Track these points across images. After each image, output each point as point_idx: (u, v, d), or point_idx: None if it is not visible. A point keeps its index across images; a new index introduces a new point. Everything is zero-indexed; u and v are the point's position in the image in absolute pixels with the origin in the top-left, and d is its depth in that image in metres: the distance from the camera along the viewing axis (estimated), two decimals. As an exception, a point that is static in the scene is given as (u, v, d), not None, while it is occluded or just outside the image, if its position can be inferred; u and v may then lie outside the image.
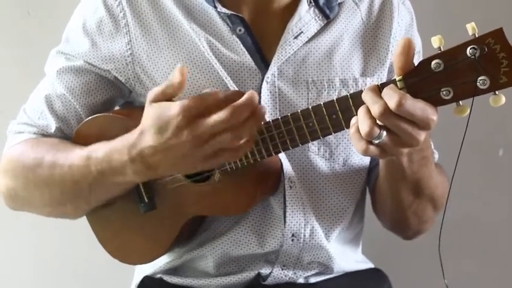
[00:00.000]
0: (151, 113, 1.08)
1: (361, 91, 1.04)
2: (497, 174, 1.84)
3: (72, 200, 1.25)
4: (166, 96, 1.08)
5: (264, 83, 1.25)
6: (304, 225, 1.27)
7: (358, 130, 1.03)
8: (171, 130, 1.06)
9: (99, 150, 1.18)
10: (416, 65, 1.01)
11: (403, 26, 1.33)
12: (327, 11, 1.28)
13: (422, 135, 1.02)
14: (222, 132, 1.04)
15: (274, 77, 1.25)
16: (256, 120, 1.05)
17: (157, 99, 1.08)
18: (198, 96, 1.05)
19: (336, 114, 1.08)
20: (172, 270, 1.33)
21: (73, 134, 1.30)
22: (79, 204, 1.27)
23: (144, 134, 1.09)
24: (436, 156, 1.37)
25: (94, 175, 1.18)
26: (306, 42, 1.27)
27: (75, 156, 1.21)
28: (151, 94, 1.09)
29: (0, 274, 1.90)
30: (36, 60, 1.43)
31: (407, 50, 1.00)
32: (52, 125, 1.30)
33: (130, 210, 1.26)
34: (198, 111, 1.04)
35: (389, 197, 1.30)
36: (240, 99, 1.03)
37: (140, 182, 1.22)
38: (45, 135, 1.31)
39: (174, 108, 1.05)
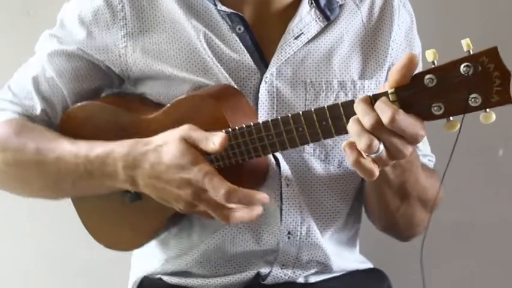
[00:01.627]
0: (177, 149, 1.10)
1: (353, 100, 1.03)
2: (497, 174, 1.84)
3: (53, 189, 1.27)
4: (200, 148, 1.10)
5: (263, 82, 1.25)
6: (301, 223, 1.28)
7: (358, 158, 1.01)
8: (179, 180, 1.09)
9: (91, 150, 1.18)
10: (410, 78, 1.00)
11: (403, 28, 1.32)
12: (328, 13, 1.28)
13: (409, 149, 1.02)
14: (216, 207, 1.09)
15: (273, 77, 1.25)
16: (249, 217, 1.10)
17: (190, 141, 1.10)
18: (233, 191, 1.07)
19: (326, 121, 1.08)
20: (170, 271, 1.33)
21: (58, 119, 1.30)
22: (58, 194, 1.29)
23: (156, 158, 1.12)
24: (433, 160, 1.37)
25: (81, 173, 1.19)
26: (306, 43, 1.26)
27: (63, 149, 1.21)
28: (189, 131, 1.11)
29: (0, 274, 1.90)
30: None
31: (410, 65, 0.98)
32: (37, 107, 1.30)
33: (116, 200, 1.26)
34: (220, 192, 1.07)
35: (376, 201, 1.31)
36: (255, 193, 1.08)
37: (127, 189, 1.21)
38: (29, 116, 1.31)
39: (199, 170, 1.08)
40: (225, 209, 1.10)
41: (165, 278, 1.34)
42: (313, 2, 1.28)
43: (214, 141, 1.09)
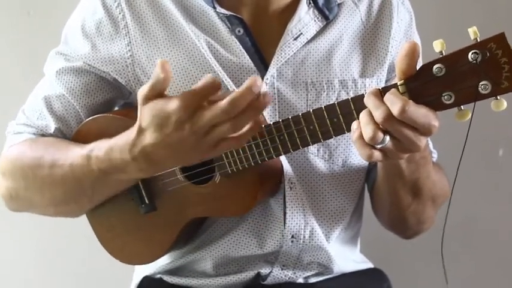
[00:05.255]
0: (147, 111, 1.05)
1: (363, 95, 1.03)
2: (497, 174, 1.84)
3: (75, 198, 1.25)
4: (157, 92, 1.04)
5: (263, 84, 1.25)
6: (304, 226, 1.27)
7: (360, 136, 1.02)
8: (172, 125, 1.03)
9: (99, 149, 1.17)
10: (417, 69, 1.00)
11: (403, 26, 1.32)
12: (326, 12, 1.28)
13: (423, 141, 1.03)
14: (222, 122, 1.01)
15: (274, 78, 1.25)
16: (257, 108, 1.01)
17: (148, 97, 1.04)
18: (195, 89, 1.01)
19: (337, 118, 1.08)
20: (172, 271, 1.33)
21: (72, 135, 1.30)
22: (82, 202, 1.26)
23: (144, 133, 1.07)
24: (435, 155, 1.38)
25: (96, 174, 1.18)
26: (306, 43, 1.26)
27: (75, 155, 1.20)
28: (141, 94, 1.05)
29: (0, 274, 1.90)
30: (36, 60, 1.43)
31: (412, 53, 0.99)
32: (51, 126, 1.30)
33: (130, 212, 1.26)
34: (197, 104, 1.01)
35: (388, 197, 1.30)
36: (240, 88, 0.99)
37: (145, 177, 1.20)
38: (44, 136, 1.31)
39: (173, 103, 1.02)
40: (229, 122, 1.02)
41: (166, 278, 1.34)
42: (311, 1, 1.28)
43: (157, 74, 1.02)
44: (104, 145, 1.16)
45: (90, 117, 1.29)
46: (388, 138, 1.01)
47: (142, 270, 1.38)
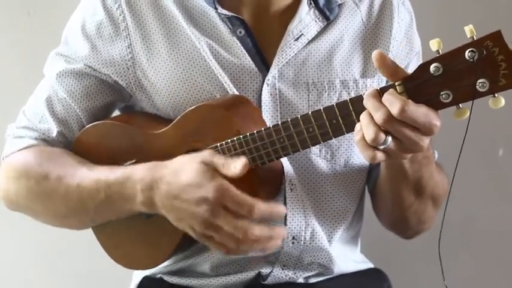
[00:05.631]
0: (195, 169, 1.10)
1: (361, 96, 1.04)
2: (497, 174, 1.84)
3: (78, 216, 1.26)
4: (217, 169, 1.11)
5: (265, 85, 1.25)
6: (305, 227, 1.27)
7: (363, 138, 1.03)
8: (197, 197, 1.09)
9: (110, 174, 1.18)
10: (415, 69, 1.01)
11: (403, 26, 1.33)
12: (327, 13, 1.28)
13: (425, 141, 1.03)
14: (231, 234, 1.09)
15: (275, 79, 1.25)
16: (264, 249, 1.12)
17: (209, 164, 1.11)
18: (242, 200, 1.08)
19: (336, 119, 1.08)
20: (172, 271, 1.33)
21: (72, 143, 1.30)
22: (83, 221, 1.28)
23: (174, 178, 1.12)
24: (436, 155, 1.38)
25: (102, 198, 1.19)
26: (307, 44, 1.26)
27: (84, 176, 1.21)
28: (209, 155, 1.12)
29: (0, 274, 1.90)
30: (36, 60, 1.43)
31: (382, 61, 1.01)
32: (53, 129, 1.30)
33: (133, 217, 1.25)
34: (230, 204, 1.08)
35: (390, 196, 1.30)
36: (271, 231, 1.10)
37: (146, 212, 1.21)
38: (46, 140, 1.31)
39: (214, 184, 1.08)
40: (237, 238, 1.10)
41: (166, 278, 1.34)
42: (312, 2, 1.28)
43: (236, 165, 1.10)
44: (118, 171, 1.18)
45: (90, 125, 1.29)
46: (390, 138, 1.01)
47: (143, 271, 1.38)
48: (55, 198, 1.24)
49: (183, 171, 1.12)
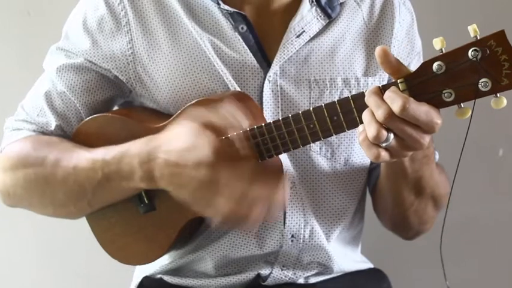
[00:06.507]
0: (187, 132, 1.10)
1: (363, 93, 1.04)
2: (497, 174, 1.84)
3: (75, 201, 1.24)
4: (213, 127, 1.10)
5: (266, 81, 1.25)
6: (304, 225, 1.27)
7: (366, 137, 1.03)
8: (193, 159, 1.08)
9: (107, 153, 1.17)
10: (418, 66, 1.01)
11: (404, 26, 1.33)
12: (329, 11, 1.28)
13: (426, 139, 1.03)
14: (235, 193, 1.08)
15: (277, 75, 1.25)
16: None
17: (200, 122, 1.10)
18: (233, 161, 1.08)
19: (337, 116, 1.08)
20: (172, 271, 1.33)
21: (72, 134, 1.29)
22: (81, 206, 1.25)
23: (170, 145, 1.11)
24: (437, 156, 1.38)
25: (99, 178, 1.18)
26: (308, 41, 1.27)
27: (80, 157, 1.20)
28: (198, 115, 1.11)
29: (0, 274, 1.90)
30: (36, 60, 1.42)
31: (384, 57, 1.01)
32: (52, 123, 1.30)
33: (130, 212, 1.26)
34: (229, 159, 1.07)
35: (390, 196, 1.30)
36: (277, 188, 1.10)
37: (144, 188, 1.20)
38: (44, 133, 1.30)
39: (208, 141, 1.08)
40: (237, 200, 1.08)
41: (166, 278, 1.34)
42: (313, 0, 1.28)
43: (235, 122, 1.11)
44: (113, 149, 1.17)
45: (89, 117, 1.29)
46: (392, 136, 1.02)
47: (143, 271, 1.38)
48: (52, 183, 1.23)
49: (177, 138, 1.11)
